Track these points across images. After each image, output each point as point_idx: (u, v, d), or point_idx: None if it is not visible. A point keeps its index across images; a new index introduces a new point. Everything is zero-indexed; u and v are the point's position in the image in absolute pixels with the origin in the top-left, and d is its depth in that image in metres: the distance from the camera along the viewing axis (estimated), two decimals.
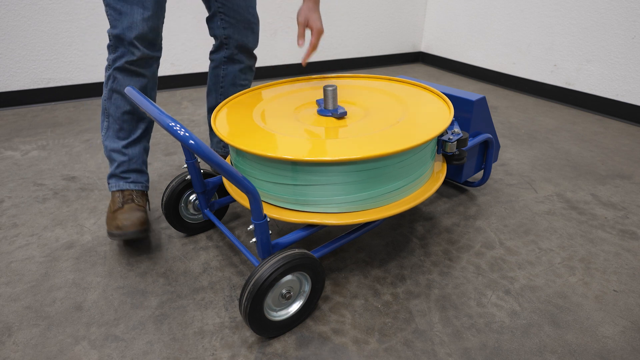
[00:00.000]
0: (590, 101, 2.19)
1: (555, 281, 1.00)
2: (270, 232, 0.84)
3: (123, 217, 1.04)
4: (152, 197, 1.38)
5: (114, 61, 1.06)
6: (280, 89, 1.23)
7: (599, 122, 2.03)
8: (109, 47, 1.06)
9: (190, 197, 1.13)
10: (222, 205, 1.14)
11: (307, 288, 0.87)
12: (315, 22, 1.10)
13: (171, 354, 0.83)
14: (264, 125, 0.96)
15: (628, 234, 1.18)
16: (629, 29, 1.95)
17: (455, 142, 1.02)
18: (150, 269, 1.06)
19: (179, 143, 1.56)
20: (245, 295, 0.77)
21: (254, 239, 0.82)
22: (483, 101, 1.18)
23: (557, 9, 2.23)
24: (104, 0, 1.01)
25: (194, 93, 2.57)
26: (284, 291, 0.82)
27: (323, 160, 0.79)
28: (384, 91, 1.17)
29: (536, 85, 2.45)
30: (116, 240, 1.09)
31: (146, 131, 1.16)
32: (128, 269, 1.06)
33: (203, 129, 1.98)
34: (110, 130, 1.12)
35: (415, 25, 3.22)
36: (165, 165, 1.61)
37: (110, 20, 1.03)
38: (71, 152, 1.73)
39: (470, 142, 1.18)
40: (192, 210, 1.15)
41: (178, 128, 0.66)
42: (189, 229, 1.16)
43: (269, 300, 0.81)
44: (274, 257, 0.78)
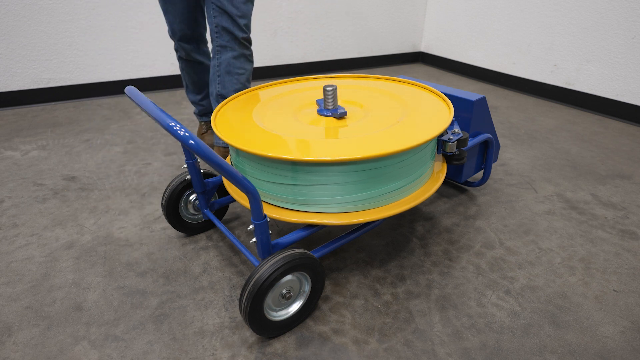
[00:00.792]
0: (590, 101, 2.19)
1: (555, 281, 1.00)
2: (270, 232, 0.84)
3: (210, 138, 1.71)
4: (152, 197, 1.38)
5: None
6: (280, 89, 1.23)
7: (599, 122, 2.03)
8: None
9: (190, 197, 1.13)
10: (222, 205, 1.14)
11: (307, 288, 0.87)
12: None
13: (171, 354, 0.83)
14: (264, 125, 0.96)
15: (628, 234, 1.18)
16: (629, 29, 1.95)
17: (455, 142, 1.02)
18: (150, 269, 1.06)
19: (179, 143, 1.56)
20: (245, 295, 0.77)
21: (254, 239, 0.82)
22: (483, 101, 1.18)
23: (557, 9, 2.23)
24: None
25: None
26: (284, 291, 0.82)
27: (323, 160, 0.79)
28: (384, 91, 1.17)
29: (536, 85, 2.45)
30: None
31: (207, 93, 1.64)
32: (128, 269, 1.06)
33: None
34: (188, 89, 1.64)
35: (415, 25, 3.22)
36: (165, 165, 1.61)
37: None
38: (71, 152, 1.73)
39: (470, 142, 1.18)
40: (192, 210, 1.15)
41: (178, 128, 0.66)
42: (189, 229, 1.16)
43: (269, 300, 0.81)
44: (274, 257, 0.78)
